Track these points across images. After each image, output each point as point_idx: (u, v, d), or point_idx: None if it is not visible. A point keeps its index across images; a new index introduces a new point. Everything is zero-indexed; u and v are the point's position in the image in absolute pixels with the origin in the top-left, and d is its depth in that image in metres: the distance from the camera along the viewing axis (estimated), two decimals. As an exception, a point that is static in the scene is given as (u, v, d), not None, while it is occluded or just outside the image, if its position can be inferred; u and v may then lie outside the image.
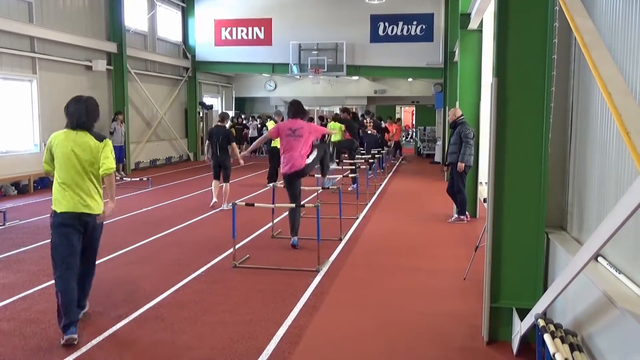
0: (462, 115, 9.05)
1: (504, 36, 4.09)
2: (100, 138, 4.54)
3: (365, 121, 17.62)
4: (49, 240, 4.51)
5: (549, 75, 4.05)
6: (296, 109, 7.43)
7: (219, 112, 14.94)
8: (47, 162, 4.52)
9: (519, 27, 4.07)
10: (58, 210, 4.39)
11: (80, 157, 4.40)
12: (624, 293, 3.01)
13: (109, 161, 4.46)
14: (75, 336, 4.25)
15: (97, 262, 4.92)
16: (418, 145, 24.42)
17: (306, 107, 7.62)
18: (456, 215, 9.27)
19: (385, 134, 20.54)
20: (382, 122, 20.97)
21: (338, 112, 17.67)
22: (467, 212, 9.25)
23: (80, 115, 4.46)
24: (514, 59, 4.09)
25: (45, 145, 5.23)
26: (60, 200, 4.39)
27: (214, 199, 10.43)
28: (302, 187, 7.26)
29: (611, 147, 3.43)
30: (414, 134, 27.28)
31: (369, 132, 17.22)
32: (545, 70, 4.04)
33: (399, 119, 23.10)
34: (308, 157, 7.39)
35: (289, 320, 4.77)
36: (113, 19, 16.71)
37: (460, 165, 8.75)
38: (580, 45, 2.93)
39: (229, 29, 21.50)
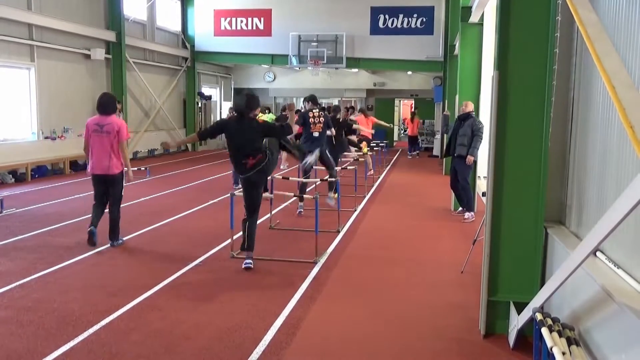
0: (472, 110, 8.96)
1: (506, 29, 4.06)
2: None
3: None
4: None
5: (550, 69, 4.03)
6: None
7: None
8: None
9: (521, 20, 4.04)
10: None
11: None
12: (623, 288, 3.01)
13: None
14: None
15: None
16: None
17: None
18: (469, 213, 8.90)
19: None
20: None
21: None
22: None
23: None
24: (516, 52, 4.06)
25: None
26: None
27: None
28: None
29: (612, 141, 3.42)
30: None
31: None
32: (547, 64, 4.02)
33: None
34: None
35: (286, 310, 4.77)
36: (112, 8, 16.61)
37: (470, 159, 8.67)
38: (584, 38, 2.91)
39: (228, 19, 21.40)
